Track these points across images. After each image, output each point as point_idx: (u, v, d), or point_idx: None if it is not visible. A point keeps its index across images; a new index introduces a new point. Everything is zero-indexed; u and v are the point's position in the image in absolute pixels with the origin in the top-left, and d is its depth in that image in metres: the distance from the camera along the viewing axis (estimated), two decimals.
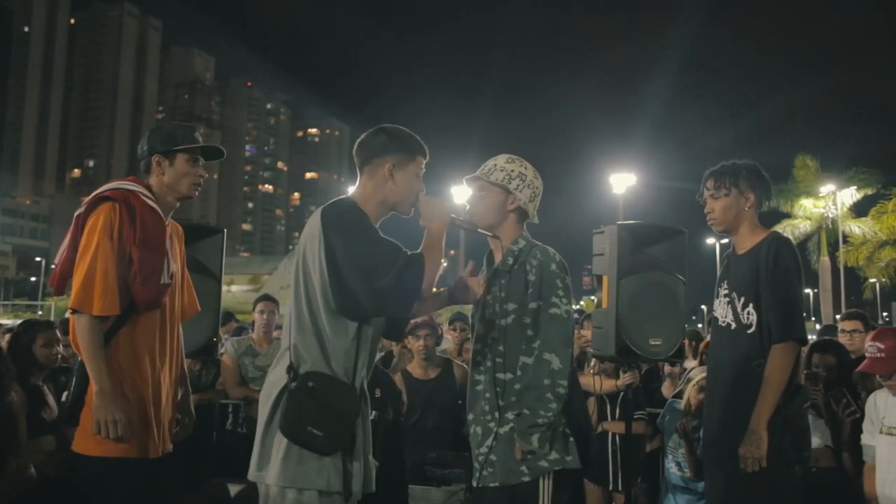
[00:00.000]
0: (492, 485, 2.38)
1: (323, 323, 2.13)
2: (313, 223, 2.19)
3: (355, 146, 2.35)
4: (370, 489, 2.23)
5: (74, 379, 2.45)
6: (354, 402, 2.13)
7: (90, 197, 2.53)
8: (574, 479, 2.60)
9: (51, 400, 3.66)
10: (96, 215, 2.44)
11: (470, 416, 2.54)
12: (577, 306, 26.99)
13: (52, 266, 2.57)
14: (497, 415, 2.43)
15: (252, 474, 2.15)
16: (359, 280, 2.06)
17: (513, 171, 2.55)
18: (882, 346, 2.95)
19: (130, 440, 2.37)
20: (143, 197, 2.52)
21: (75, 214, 2.51)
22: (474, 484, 2.46)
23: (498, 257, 2.57)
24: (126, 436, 2.33)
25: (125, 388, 2.40)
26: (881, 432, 2.99)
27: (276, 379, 2.16)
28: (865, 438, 3.09)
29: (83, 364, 2.40)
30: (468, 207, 2.60)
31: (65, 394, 2.46)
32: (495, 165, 2.58)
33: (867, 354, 3.03)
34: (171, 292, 2.63)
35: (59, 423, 2.50)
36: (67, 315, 2.50)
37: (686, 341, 4.89)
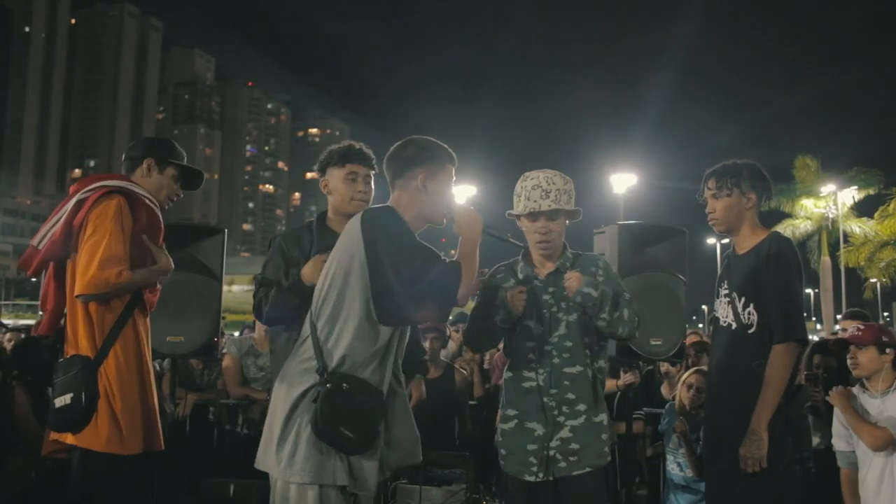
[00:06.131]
0: (580, 472, 2.57)
1: (358, 328, 2.15)
2: (352, 229, 2.21)
3: (385, 160, 2.37)
4: (417, 459, 2.38)
5: (80, 379, 2.39)
6: (382, 406, 2.18)
7: (94, 186, 2.56)
8: None
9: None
10: (106, 206, 2.49)
11: (510, 413, 2.71)
12: None
13: (35, 245, 2.57)
14: (566, 408, 2.63)
15: (264, 465, 2.18)
16: (399, 287, 2.10)
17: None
18: (862, 327, 3.18)
19: (138, 435, 2.43)
20: (147, 201, 2.60)
21: (77, 199, 2.53)
22: (537, 478, 2.59)
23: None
24: (136, 430, 2.42)
25: (134, 383, 2.46)
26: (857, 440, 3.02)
27: (296, 378, 2.18)
28: (839, 444, 3.11)
29: (86, 364, 2.40)
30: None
31: (67, 396, 2.39)
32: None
33: (848, 331, 3.23)
34: None
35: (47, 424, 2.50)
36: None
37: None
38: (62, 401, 2.39)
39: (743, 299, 2.67)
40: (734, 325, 2.70)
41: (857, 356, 3.07)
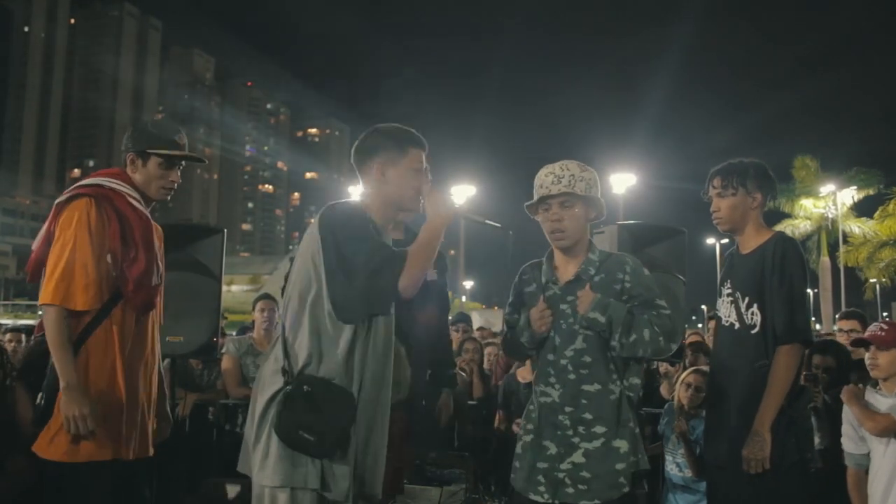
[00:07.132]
0: (586, 503, 2.34)
1: (322, 326, 2.12)
2: (312, 227, 2.21)
3: (352, 153, 2.34)
4: (374, 491, 2.22)
5: (46, 381, 2.37)
6: (350, 408, 2.11)
7: (73, 187, 2.49)
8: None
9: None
10: (72, 209, 2.39)
11: (528, 426, 2.51)
12: None
13: (33, 248, 2.50)
14: (582, 429, 2.39)
15: (243, 468, 2.17)
16: (344, 280, 2.08)
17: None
18: (885, 327, 3.03)
19: (98, 442, 2.31)
20: (129, 198, 2.48)
21: (56, 202, 2.46)
22: (544, 498, 2.39)
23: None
24: (94, 437, 2.28)
25: (99, 385, 2.35)
26: (870, 437, 3.00)
27: (268, 380, 2.15)
28: (848, 446, 3.07)
29: (55, 367, 2.33)
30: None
31: (39, 395, 2.40)
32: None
33: (869, 330, 3.10)
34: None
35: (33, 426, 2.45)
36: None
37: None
38: (37, 399, 2.39)
39: (746, 299, 2.65)
40: (737, 325, 2.68)
41: (878, 357, 2.99)
